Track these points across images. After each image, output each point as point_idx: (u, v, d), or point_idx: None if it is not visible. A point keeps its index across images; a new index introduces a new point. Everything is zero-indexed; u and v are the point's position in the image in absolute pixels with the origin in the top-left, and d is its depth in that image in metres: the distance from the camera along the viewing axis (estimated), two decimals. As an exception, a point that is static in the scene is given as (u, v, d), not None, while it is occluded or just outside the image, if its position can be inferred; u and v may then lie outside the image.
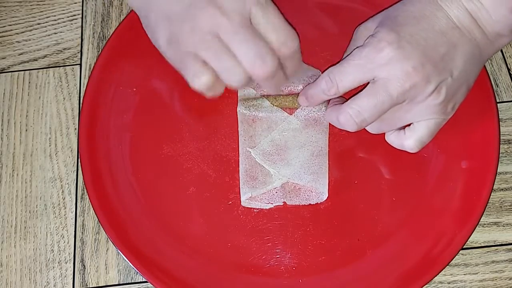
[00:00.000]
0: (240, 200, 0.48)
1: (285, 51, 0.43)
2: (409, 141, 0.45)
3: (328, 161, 0.49)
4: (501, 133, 0.50)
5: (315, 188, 0.48)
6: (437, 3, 0.42)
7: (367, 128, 0.46)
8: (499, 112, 0.51)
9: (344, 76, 0.43)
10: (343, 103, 0.44)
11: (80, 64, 0.58)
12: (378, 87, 0.41)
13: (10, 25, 0.60)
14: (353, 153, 0.49)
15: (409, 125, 0.45)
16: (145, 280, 0.48)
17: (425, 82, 0.41)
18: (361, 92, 0.43)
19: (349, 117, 0.43)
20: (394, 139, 0.46)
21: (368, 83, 0.43)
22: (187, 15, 0.42)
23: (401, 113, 0.43)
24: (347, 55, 0.44)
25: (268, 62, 0.42)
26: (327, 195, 0.48)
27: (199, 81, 0.43)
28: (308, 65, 0.52)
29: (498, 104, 0.52)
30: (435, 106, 0.42)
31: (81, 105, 0.54)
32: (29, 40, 0.60)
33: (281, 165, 0.49)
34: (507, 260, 0.49)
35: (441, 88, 0.42)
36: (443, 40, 0.42)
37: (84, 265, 0.50)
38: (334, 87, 0.44)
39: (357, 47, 0.43)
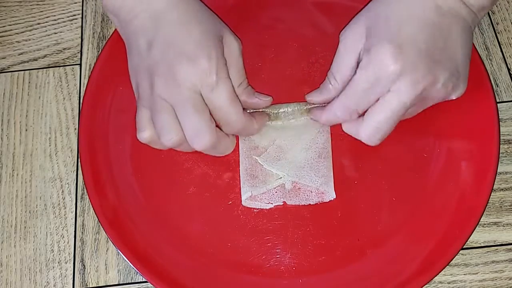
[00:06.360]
0: (240, 200, 0.48)
1: (227, 130, 0.47)
2: None
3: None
4: (501, 133, 0.50)
5: (325, 190, 0.48)
6: None
7: None
8: (499, 112, 0.51)
9: (358, 101, 0.44)
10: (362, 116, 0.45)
11: (80, 64, 0.58)
12: (391, 99, 0.43)
13: (10, 25, 0.60)
14: (353, 154, 0.49)
15: None
16: (145, 280, 0.48)
17: (435, 82, 0.43)
18: (376, 106, 0.44)
19: (370, 134, 0.45)
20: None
21: None
22: (148, 72, 0.45)
23: (415, 108, 0.46)
24: (351, 83, 0.44)
25: (205, 139, 0.44)
26: (334, 196, 0.48)
27: (140, 135, 0.46)
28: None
29: (498, 104, 0.52)
30: (447, 92, 0.44)
31: (81, 105, 0.54)
32: (29, 40, 0.60)
33: (290, 168, 0.49)
34: (507, 260, 0.49)
35: (450, 78, 0.43)
36: (439, 33, 0.43)
37: (84, 265, 0.50)
38: (354, 112, 0.45)
39: (360, 66, 0.43)
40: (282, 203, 0.48)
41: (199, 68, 0.43)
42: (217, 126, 0.46)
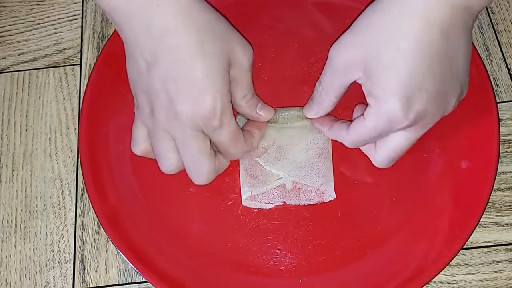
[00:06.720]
0: (240, 200, 0.48)
1: (227, 158, 0.47)
2: None
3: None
4: (501, 133, 0.50)
5: (325, 190, 0.48)
6: (427, 20, 0.39)
7: None
8: (499, 112, 0.51)
9: (368, 141, 0.45)
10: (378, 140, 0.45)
11: (80, 64, 0.58)
12: (402, 138, 0.43)
13: (10, 25, 0.60)
14: (353, 154, 0.49)
15: None
16: (145, 280, 0.48)
17: (445, 113, 0.43)
18: (387, 140, 0.44)
19: (382, 162, 0.46)
20: None
21: None
22: (148, 95, 0.43)
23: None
24: (355, 120, 0.45)
25: (204, 176, 0.45)
26: (335, 196, 0.48)
27: (135, 148, 0.47)
28: None
29: (498, 104, 0.52)
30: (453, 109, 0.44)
31: (81, 105, 0.54)
32: (29, 40, 0.60)
33: (291, 168, 0.49)
34: (507, 260, 0.49)
35: (458, 99, 0.43)
36: (446, 62, 0.40)
37: (84, 265, 0.50)
38: (359, 145, 0.46)
39: (368, 113, 0.42)
40: (282, 203, 0.48)
41: (202, 111, 0.42)
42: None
